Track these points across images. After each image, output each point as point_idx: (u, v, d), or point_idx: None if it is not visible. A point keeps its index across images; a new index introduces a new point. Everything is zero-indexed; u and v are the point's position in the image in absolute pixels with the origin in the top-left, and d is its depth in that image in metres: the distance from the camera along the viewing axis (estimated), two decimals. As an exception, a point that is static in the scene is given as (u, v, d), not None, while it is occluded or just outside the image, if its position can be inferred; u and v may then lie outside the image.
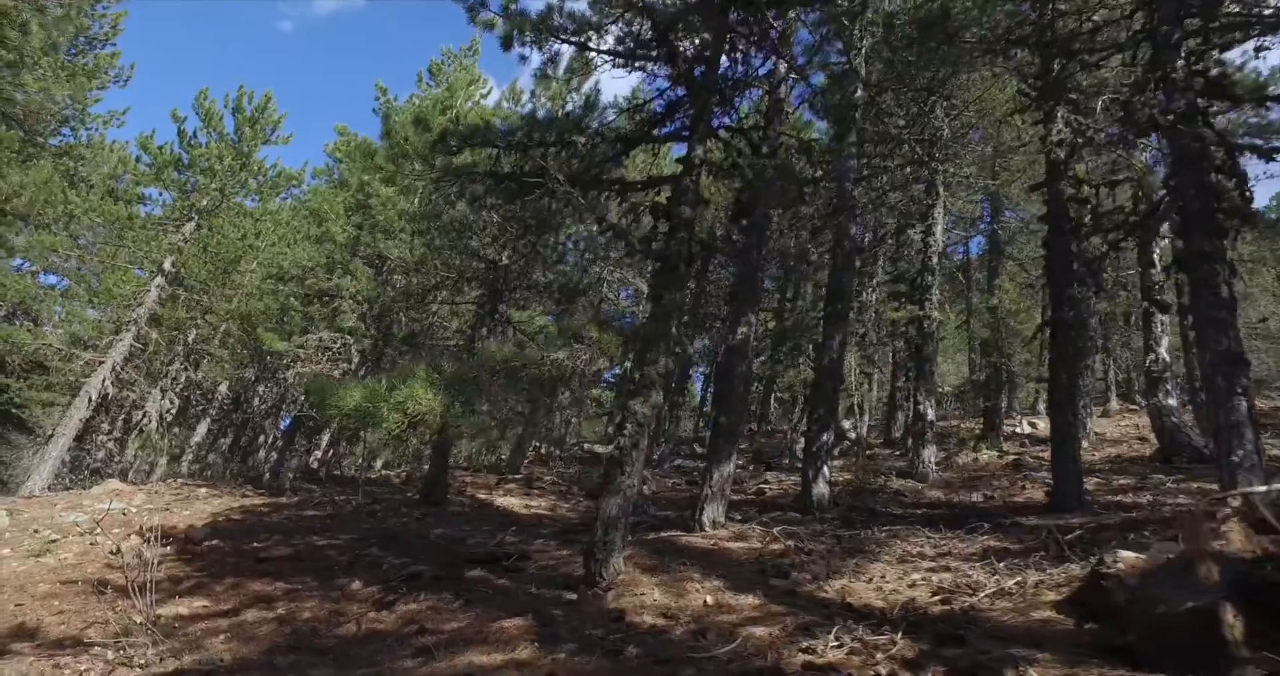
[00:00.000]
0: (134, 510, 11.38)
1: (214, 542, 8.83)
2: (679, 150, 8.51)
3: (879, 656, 4.07)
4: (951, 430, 17.39)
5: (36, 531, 10.96)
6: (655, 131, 7.20)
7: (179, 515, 10.82)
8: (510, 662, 4.58)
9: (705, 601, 5.34)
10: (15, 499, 14.30)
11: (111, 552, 9.38)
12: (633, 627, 4.92)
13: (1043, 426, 20.37)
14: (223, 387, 25.99)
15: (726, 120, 8.17)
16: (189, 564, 8.28)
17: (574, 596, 5.59)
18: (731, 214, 8.51)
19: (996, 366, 16.36)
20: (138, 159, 15.51)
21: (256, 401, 27.26)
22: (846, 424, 18.92)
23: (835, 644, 4.31)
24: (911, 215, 17.02)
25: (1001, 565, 5.66)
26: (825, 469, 9.00)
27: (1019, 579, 5.10)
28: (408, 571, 6.84)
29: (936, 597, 5.10)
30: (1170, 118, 7.09)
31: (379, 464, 20.54)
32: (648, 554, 6.48)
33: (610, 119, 7.74)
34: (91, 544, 9.82)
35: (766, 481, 12.53)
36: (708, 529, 7.30)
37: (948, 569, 5.82)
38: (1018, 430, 19.27)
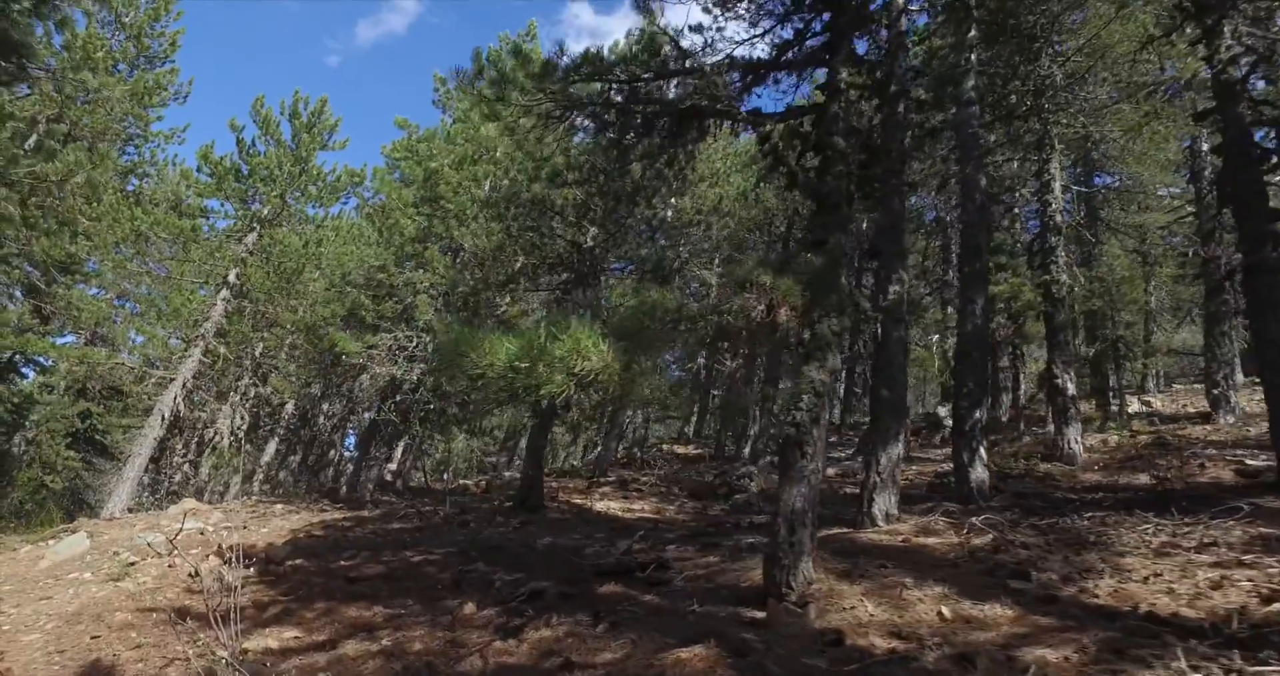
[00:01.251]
0: (211, 529, 10.51)
1: (297, 562, 7.81)
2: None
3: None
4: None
5: (115, 553, 10.15)
6: (789, 56, 5.93)
7: (257, 533, 9.89)
8: (714, 710, 3.31)
9: (940, 614, 3.98)
10: (97, 521, 13.67)
11: (190, 575, 8.45)
12: (864, 654, 3.60)
13: (1158, 404, 18.33)
14: (289, 406, 25.51)
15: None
16: (273, 586, 7.25)
17: (760, 614, 4.29)
18: (861, 160, 7.15)
19: (1112, 341, 14.55)
20: (197, 169, 14.92)
21: (321, 419, 26.69)
22: (943, 411, 17.28)
23: (1197, 677, 2.91)
24: (1003, 182, 15.39)
25: (1329, 557, 4.17)
26: (981, 451, 7.54)
27: (1401, 575, 3.62)
28: (527, 589, 5.64)
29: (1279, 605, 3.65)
30: None
31: (446, 473, 19.55)
32: (830, 556, 5.15)
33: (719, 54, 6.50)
34: (170, 566, 8.92)
35: (883, 473, 11.04)
36: (880, 522, 5.94)
37: (1242, 564, 4.35)
38: (1131, 409, 17.33)
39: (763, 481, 11.28)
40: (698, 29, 6.85)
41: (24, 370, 23.66)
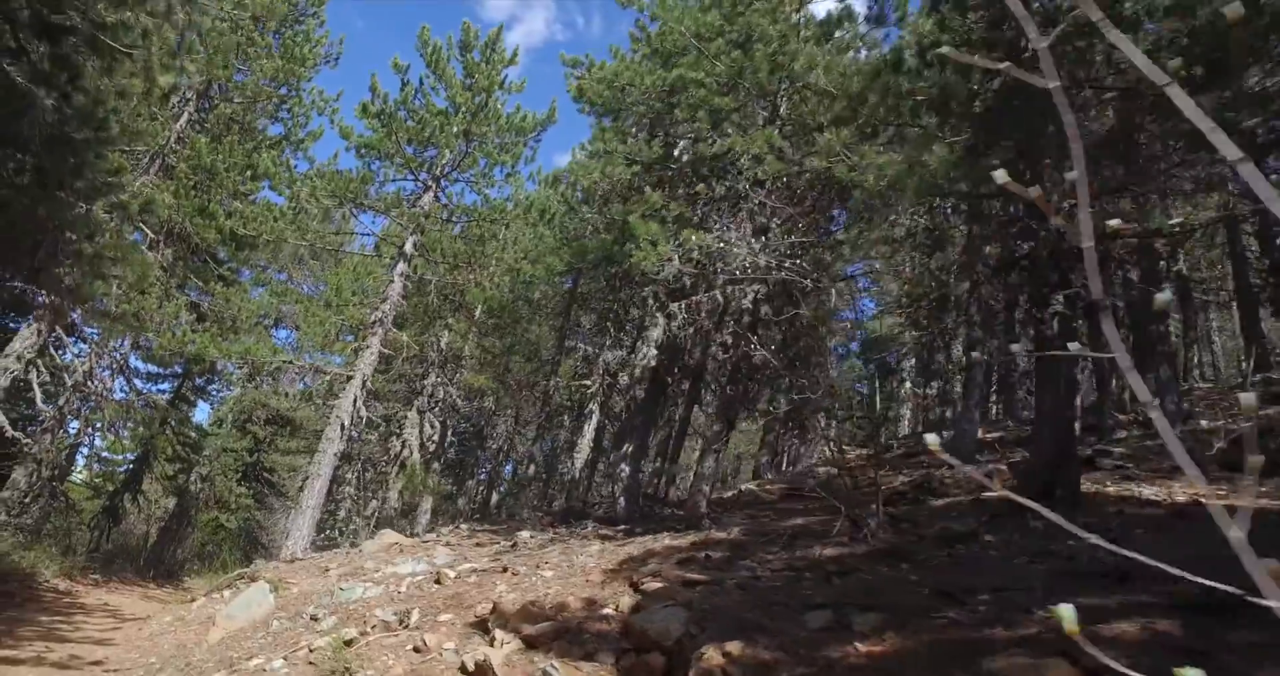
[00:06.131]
0: (451, 574, 6.31)
1: (734, 650, 3.28)
2: None
3: None
4: None
5: (315, 619, 6.05)
6: None
7: (538, 580, 5.56)
8: None
9: None
10: (278, 564, 9.99)
11: (466, 671, 4.12)
12: None
13: None
14: (448, 433, 22.01)
15: None
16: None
17: None
18: None
19: None
20: (363, 109, 11.41)
21: (492, 442, 23.08)
22: None
23: None
24: None
25: None
26: None
27: None
28: None
29: None
30: None
31: (674, 478, 14.88)
32: None
33: None
34: (415, 649, 4.63)
35: None
36: None
37: None
38: None
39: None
40: None
41: (195, 400, 21.65)
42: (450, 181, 12.28)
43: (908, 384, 20.54)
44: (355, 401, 11.20)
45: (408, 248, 11.68)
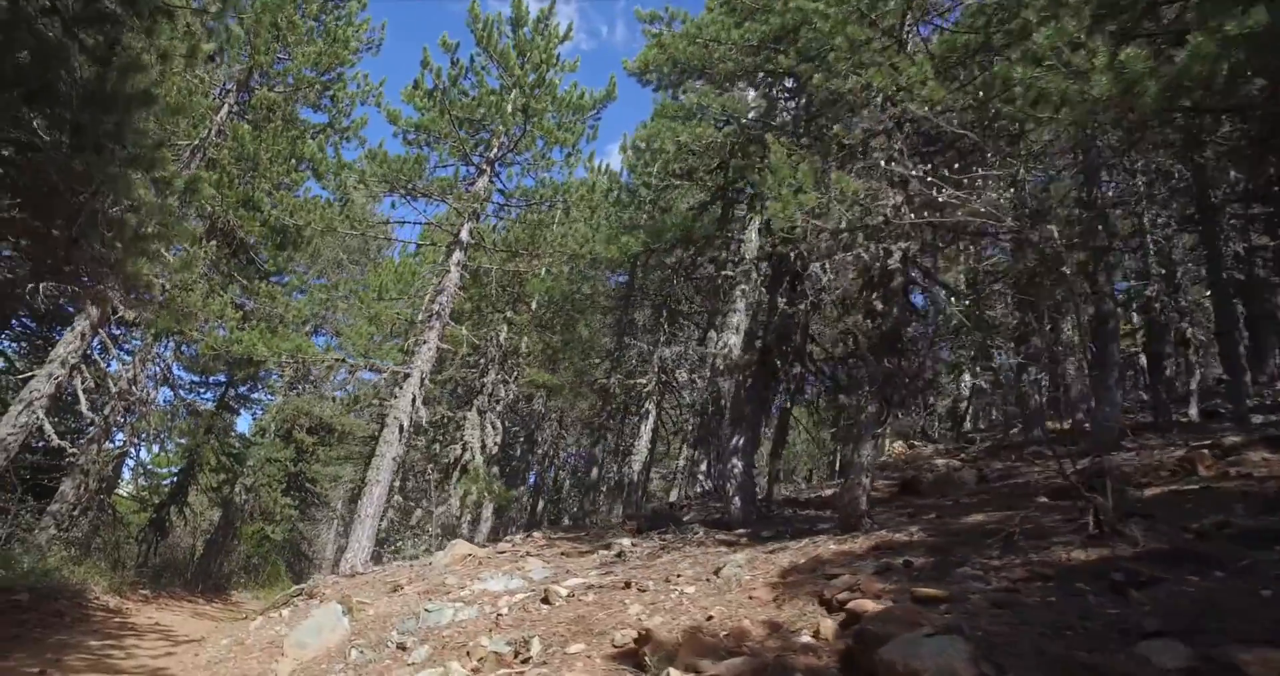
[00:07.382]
0: (562, 593, 5.30)
1: None
2: None
3: None
4: None
5: (403, 648, 5.09)
6: None
7: (680, 597, 4.51)
8: None
9: None
10: (337, 578, 9.13)
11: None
12: None
13: None
14: (496, 434, 21.18)
15: None
16: None
17: None
18: None
19: None
20: (411, 92, 10.60)
21: (539, 447, 22.20)
22: None
23: None
24: None
25: None
26: None
27: None
28: None
29: None
30: None
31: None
32: None
33: None
34: (551, 691, 3.63)
35: None
36: None
37: None
38: None
39: None
40: None
41: (238, 409, 21.12)
42: (505, 164, 11.41)
43: (966, 376, 19.24)
44: (414, 400, 10.34)
45: (464, 235, 10.81)
